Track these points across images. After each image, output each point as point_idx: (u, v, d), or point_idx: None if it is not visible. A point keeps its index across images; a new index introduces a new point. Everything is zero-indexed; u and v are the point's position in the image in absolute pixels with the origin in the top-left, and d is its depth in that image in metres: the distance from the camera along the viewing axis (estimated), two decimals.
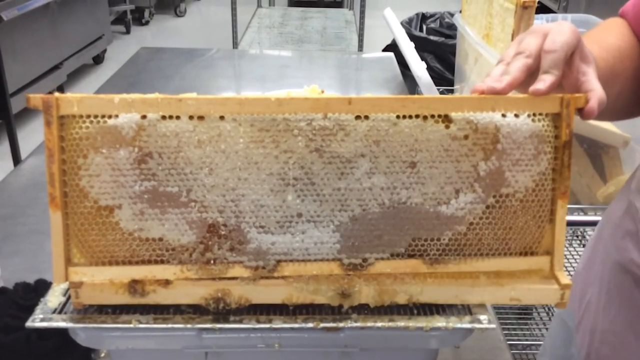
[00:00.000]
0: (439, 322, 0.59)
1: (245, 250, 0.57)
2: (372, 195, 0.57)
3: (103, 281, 0.57)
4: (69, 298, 0.60)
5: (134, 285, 0.58)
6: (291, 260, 0.58)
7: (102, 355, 0.74)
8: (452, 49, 1.57)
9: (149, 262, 0.57)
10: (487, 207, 0.57)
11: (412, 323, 0.58)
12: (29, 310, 0.58)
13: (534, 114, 0.56)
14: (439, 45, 2.48)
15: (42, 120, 0.53)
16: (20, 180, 1.30)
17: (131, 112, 0.53)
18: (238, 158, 0.55)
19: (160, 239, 0.57)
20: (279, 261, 0.58)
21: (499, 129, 0.55)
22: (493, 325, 0.59)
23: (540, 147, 0.56)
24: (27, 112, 3.05)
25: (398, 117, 0.55)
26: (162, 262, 0.57)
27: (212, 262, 0.58)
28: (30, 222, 1.11)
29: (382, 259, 0.59)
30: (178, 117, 0.54)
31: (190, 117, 0.54)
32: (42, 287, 0.80)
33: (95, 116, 0.53)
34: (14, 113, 2.50)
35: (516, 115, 0.55)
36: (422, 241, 0.58)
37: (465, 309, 0.61)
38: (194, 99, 0.53)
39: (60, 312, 0.58)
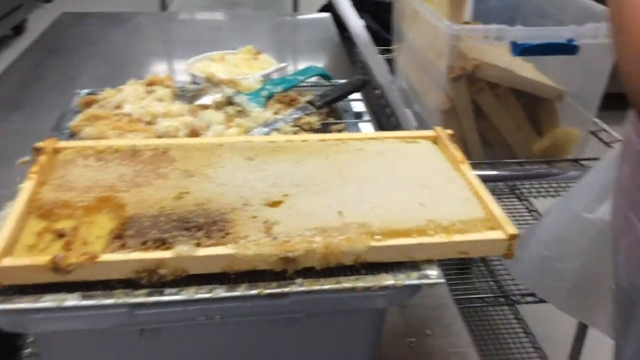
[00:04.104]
0: (387, 280, 0.57)
1: None
2: None
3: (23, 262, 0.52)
4: None
5: (57, 262, 0.53)
6: None
7: (29, 341, 0.68)
8: (389, 8, 1.55)
9: None
10: None
11: (360, 283, 0.56)
12: None
13: None
14: (375, 3, 2.44)
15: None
16: None
17: None
18: None
19: None
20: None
21: None
22: (442, 280, 0.58)
23: None
24: None
25: None
26: None
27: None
28: None
29: None
30: None
31: None
32: None
33: None
34: None
35: None
36: None
37: (414, 266, 0.59)
38: None
39: None
